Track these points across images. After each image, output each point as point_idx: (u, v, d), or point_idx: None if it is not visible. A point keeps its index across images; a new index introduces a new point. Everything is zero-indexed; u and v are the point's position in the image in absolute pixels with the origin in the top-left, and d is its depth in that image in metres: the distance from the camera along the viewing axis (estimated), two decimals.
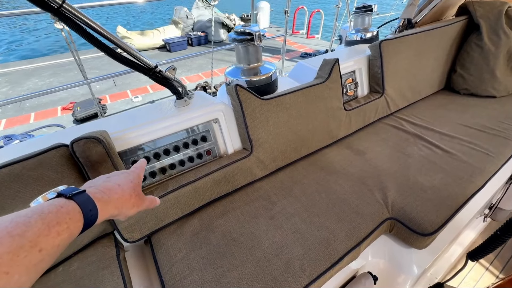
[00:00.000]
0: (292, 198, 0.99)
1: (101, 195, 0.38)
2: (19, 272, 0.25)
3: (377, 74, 1.39)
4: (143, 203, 0.46)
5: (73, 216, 0.32)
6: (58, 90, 1.80)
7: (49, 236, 0.28)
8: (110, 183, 0.42)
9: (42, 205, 0.31)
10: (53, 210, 0.30)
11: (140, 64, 0.83)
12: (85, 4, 1.48)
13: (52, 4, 0.64)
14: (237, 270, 0.75)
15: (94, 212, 0.35)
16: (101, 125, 0.91)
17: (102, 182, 0.41)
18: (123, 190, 0.42)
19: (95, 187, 0.39)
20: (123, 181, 0.43)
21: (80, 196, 0.35)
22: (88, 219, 0.34)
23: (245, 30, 1.05)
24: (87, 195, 0.36)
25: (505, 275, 1.32)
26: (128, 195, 0.42)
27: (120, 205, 0.40)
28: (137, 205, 0.44)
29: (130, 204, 0.42)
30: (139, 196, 0.45)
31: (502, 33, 1.55)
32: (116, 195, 0.40)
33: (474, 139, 1.23)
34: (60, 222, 0.30)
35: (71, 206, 0.33)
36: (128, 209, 0.42)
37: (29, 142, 0.83)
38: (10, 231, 0.26)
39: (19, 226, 0.26)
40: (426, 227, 0.85)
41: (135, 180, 0.45)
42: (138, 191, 0.45)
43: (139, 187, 0.46)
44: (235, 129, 1.05)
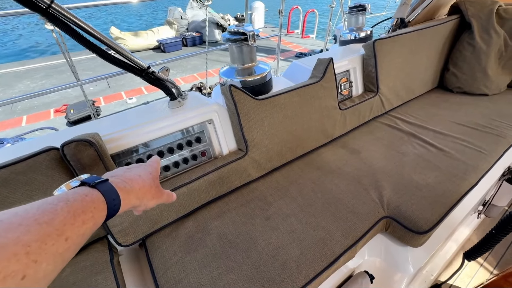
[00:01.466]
0: (288, 198, 0.98)
1: (123, 184, 0.37)
2: (47, 260, 0.24)
3: (371, 73, 1.40)
4: (162, 195, 0.45)
5: (98, 205, 0.32)
6: (50, 92, 1.77)
7: (75, 225, 0.28)
8: (131, 173, 0.41)
9: (67, 193, 0.31)
10: (78, 198, 0.30)
11: (132, 65, 0.82)
12: (77, 4, 1.46)
13: (40, 4, 0.63)
14: (233, 272, 0.74)
15: (117, 201, 0.35)
16: (94, 127, 0.90)
17: (123, 172, 0.41)
18: (144, 181, 0.41)
19: (116, 177, 0.38)
20: (143, 172, 0.43)
21: (103, 185, 0.34)
22: (112, 208, 0.34)
23: (238, 30, 1.04)
24: (110, 184, 0.35)
25: (499, 271, 1.33)
26: (149, 186, 0.42)
27: (141, 196, 0.40)
28: (156, 197, 0.44)
29: (150, 195, 0.42)
30: (158, 188, 0.44)
31: (493, 32, 1.57)
32: (138, 185, 0.40)
33: (467, 137, 1.24)
34: (85, 211, 0.29)
35: (95, 195, 0.32)
36: (149, 200, 0.42)
37: (19, 145, 0.81)
38: (38, 219, 0.25)
39: (46, 213, 0.26)
40: (421, 225, 0.85)
41: (154, 172, 0.45)
42: (157, 183, 0.45)
43: (158, 180, 0.45)
44: (229, 130, 1.04)
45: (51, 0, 0.64)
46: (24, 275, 0.22)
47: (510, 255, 1.40)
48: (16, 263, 0.22)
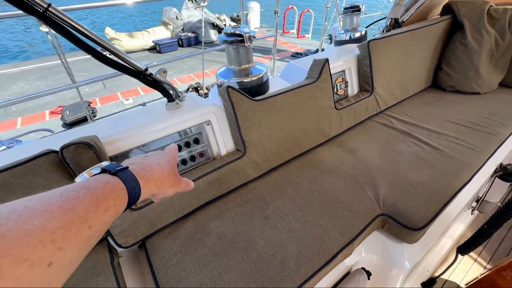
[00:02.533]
0: (286, 197, 1.00)
1: (143, 172, 0.37)
2: (71, 247, 0.24)
3: (366, 73, 1.42)
4: (180, 184, 0.44)
5: (119, 192, 0.31)
6: (45, 94, 1.75)
7: (98, 212, 0.27)
8: (150, 161, 0.40)
9: (89, 180, 0.30)
10: (100, 185, 0.30)
11: (129, 67, 0.82)
12: (73, 6, 1.45)
13: (37, 8, 0.63)
14: (233, 271, 0.76)
15: (137, 189, 0.34)
16: (91, 129, 0.90)
17: (141, 160, 0.40)
18: (163, 168, 0.41)
19: (136, 164, 0.38)
20: (161, 160, 0.42)
21: (123, 173, 0.34)
22: (132, 196, 0.33)
23: (235, 31, 1.05)
24: (130, 172, 0.35)
25: (493, 266, 1.36)
26: (167, 174, 0.41)
27: (161, 184, 0.40)
28: (175, 185, 0.43)
29: (169, 184, 0.41)
30: (177, 177, 0.44)
31: (484, 32, 1.60)
32: (157, 173, 0.39)
33: (461, 135, 1.27)
34: (107, 198, 0.29)
35: (116, 182, 0.32)
36: (168, 189, 0.41)
37: (17, 149, 0.81)
38: (61, 206, 0.25)
39: (69, 200, 0.26)
40: (417, 222, 0.87)
41: (172, 160, 0.44)
42: (176, 172, 0.44)
43: (176, 168, 0.45)
44: (227, 131, 1.05)
45: (48, 3, 0.64)
46: (51, 262, 0.22)
47: (503, 250, 1.44)
48: (42, 250, 0.21)
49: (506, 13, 1.61)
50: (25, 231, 0.21)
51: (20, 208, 0.23)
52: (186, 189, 0.47)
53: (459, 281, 1.31)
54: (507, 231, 1.52)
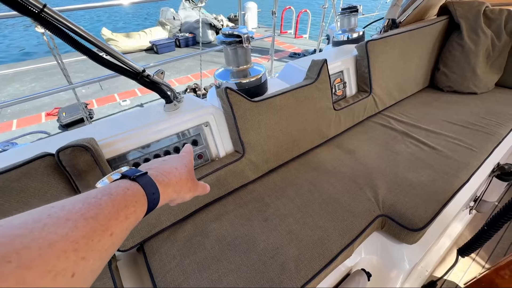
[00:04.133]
0: (285, 199, 0.99)
1: (162, 177, 0.37)
2: (93, 256, 0.24)
3: (364, 73, 1.42)
4: (197, 188, 0.44)
5: (139, 199, 0.31)
6: (41, 95, 1.74)
7: (119, 219, 0.27)
8: (168, 166, 0.40)
9: (110, 186, 0.30)
10: (120, 192, 0.30)
11: (127, 68, 0.81)
12: (70, 6, 1.44)
13: (32, 8, 0.62)
14: (233, 274, 0.75)
15: (156, 195, 0.34)
16: (88, 131, 0.89)
17: (159, 165, 0.40)
18: (180, 173, 0.40)
19: (154, 169, 0.38)
20: (179, 164, 0.42)
21: (143, 178, 0.33)
22: (151, 202, 0.33)
23: (233, 32, 1.04)
24: (149, 178, 0.34)
25: (491, 265, 1.37)
26: (185, 178, 0.41)
27: (179, 189, 0.39)
28: (193, 190, 0.43)
29: (187, 188, 0.41)
30: (194, 181, 0.43)
31: (481, 32, 1.61)
32: (175, 178, 0.39)
33: (458, 135, 1.27)
34: (128, 205, 0.29)
35: (136, 188, 0.32)
36: (185, 193, 0.41)
37: (13, 152, 0.80)
38: (84, 213, 0.25)
39: (91, 208, 0.26)
40: (416, 223, 0.87)
41: (189, 164, 0.44)
42: (193, 176, 0.44)
43: (193, 172, 0.44)
44: (226, 132, 1.05)
45: (44, 4, 0.63)
46: (74, 273, 0.22)
47: (501, 250, 1.44)
48: (65, 260, 0.21)
49: (502, 14, 1.62)
50: (49, 241, 0.21)
51: (44, 217, 0.23)
52: (203, 193, 0.46)
53: (457, 281, 1.31)
54: (504, 231, 1.53)
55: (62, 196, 0.71)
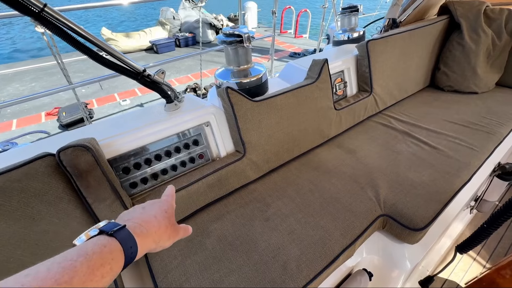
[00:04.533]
0: (287, 199, 0.99)
1: (140, 229, 0.37)
2: None
3: (365, 73, 1.42)
4: (178, 233, 0.44)
5: (116, 255, 0.32)
6: (42, 95, 1.73)
7: (94, 280, 0.28)
8: (147, 215, 0.40)
9: (87, 245, 0.31)
10: (97, 250, 0.30)
11: (127, 68, 0.81)
12: (70, 6, 1.43)
13: (32, 8, 0.62)
14: (235, 274, 0.75)
15: (134, 249, 0.34)
16: (89, 131, 0.88)
17: (139, 215, 0.40)
18: (159, 222, 0.41)
19: (133, 221, 0.38)
20: (158, 212, 0.42)
21: (121, 233, 0.34)
22: (129, 256, 0.33)
23: (234, 32, 1.04)
24: (128, 231, 0.35)
25: (492, 265, 1.37)
26: (164, 226, 0.41)
27: (158, 238, 0.39)
28: (173, 237, 0.43)
29: (166, 236, 0.41)
30: (174, 227, 0.44)
31: (481, 32, 1.61)
32: (154, 228, 0.39)
33: (459, 135, 1.27)
34: (104, 263, 0.30)
35: (113, 244, 0.32)
36: (165, 242, 0.41)
37: (13, 152, 0.80)
38: (58, 279, 0.25)
39: (66, 272, 0.26)
40: (417, 222, 0.87)
41: (169, 210, 0.44)
42: (173, 222, 0.44)
43: (173, 217, 0.45)
44: (227, 132, 1.04)
45: (44, 4, 0.63)
46: None
47: (502, 249, 1.44)
48: None
49: (502, 13, 1.62)
50: None
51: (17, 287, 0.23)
52: (184, 236, 0.47)
53: (458, 281, 1.31)
54: (506, 230, 1.53)
55: (63, 196, 0.70)
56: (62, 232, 0.71)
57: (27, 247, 0.66)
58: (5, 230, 0.63)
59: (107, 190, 0.75)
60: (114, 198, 0.77)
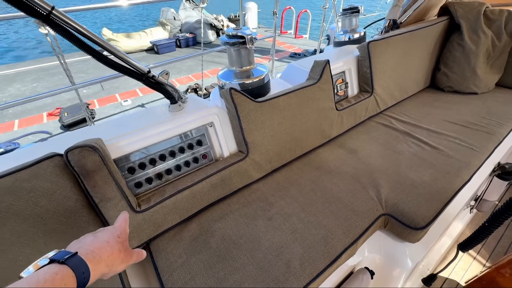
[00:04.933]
0: (289, 198, 1.00)
1: (92, 255, 0.38)
2: None
3: (366, 74, 1.43)
4: (131, 257, 0.46)
5: (68, 281, 0.32)
6: (44, 96, 1.75)
7: None
8: (99, 241, 0.41)
9: (38, 274, 0.31)
10: (49, 278, 0.31)
11: (132, 69, 0.82)
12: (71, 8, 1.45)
13: (41, 11, 0.63)
14: (239, 272, 0.76)
15: (86, 274, 0.35)
16: (94, 131, 0.90)
17: (90, 242, 0.41)
18: (112, 247, 0.42)
19: (84, 248, 0.39)
20: (110, 237, 0.43)
21: (72, 260, 0.35)
22: (81, 281, 0.34)
23: (237, 33, 1.05)
24: (79, 258, 0.36)
25: (492, 263, 1.38)
26: (117, 251, 0.42)
27: (111, 263, 0.41)
28: (126, 260, 0.44)
29: (119, 260, 0.42)
30: (127, 251, 0.45)
31: (481, 33, 1.63)
32: (106, 253, 0.40)
33: (459, 135, 1.28)
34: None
35: (65, 271, 0.33)
36: (117, 266, 0.42)
37: (18, 153, 0.81)
38: None
39: None
40: (419, 222, 0.89)
41: (122, 235, 0.46)
42: (126, 246, 0.45)
43: (127, 242, 0.46)
44: (230, 132, 1.06)
45: (52, 6, 0.64)
46: None
47: (501, 248, 1.46)
48: None
49: (502, 14, 1.63)
50: None
51: None
52: (138, 260, 0.48)
53: (459, 279, 1.32)
54: (505, 229, 1.54)
55: (71, 195, 0.72)
56: (69, 231, 0.72)
57: (35, 245, 0.67)
58: (15, 229, 0.64)
59: (113, 190, 0.76)
60: (120, 198, 0.78)
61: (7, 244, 0.64)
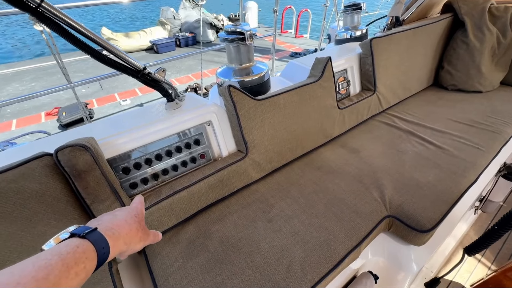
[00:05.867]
0: (290, 199, 0.97)
1: (112, 231, 0.39)
2: None
3: (368, 71, 1.40)
4: (148, 237, 0.47)
5: (89, 255, 0.33)
6: (41, 94, 1.71)
7: (69, 277, 0.29)
8: (117, 219, 0.42)
9: (60, 246, 0.32)
10: (70, 250, 0.31)
11: (127, 66, 0.79)
12: (68, 4, 1.41)
13: (30, 3, 0.60)
14: (237, 277, 0.73)
15: (106, 249, 0.36)
16: (88, 130, 0.87)
17: (109, 219, 0.42)
18: (130, 225, 0.43)
19: (104, 224, 0.40)
20: (128, 216, 0.44)
21: (92, 235, 0.35)
22: (101, 256, 0.35)
23: (236, 29, 1.02)
24: (99, 233, 0.36)
25: (497, 266, 1.35)
26: (135, 229, 0.43)
27: (129, 240, 0.41)
28: (143, 240, 0.45)
29: (137, 239, 0.43)
30: (144, 231, 0.46)
31: (486, 30, 1.59)
32: (125, 230, 0.41)
33: (464, 134, 1.25)
34: (78, 262, 0.31)
35: (86, 245, 0.33)
36: (135, 244, 0.43)
37: (11, 152, 0.78)
38: (35, 276, 0.27)
39: (41, 269, 0.28)
40: (424, 224, 0.85)
41: (139, 215, 0.46)
42: (143, 226, 0.46)
43: (143, 222, 0.47)
44: (229, 131, 1.02)
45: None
46: None
47: (507, 250, 1.42)
48: None
49: (507, 11, 1.60)
50: None
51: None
52: (154, 241, 0.49)
53: (463, 282, 1.29)
54: (510, 232, 1.50)
55: (61, 197, 0.68)
56: None
57: (24, 249, 0.64)
58: (1, 233, 0.61)
59: (106, 191, 0.73)
60: (113, 199, 0.75)
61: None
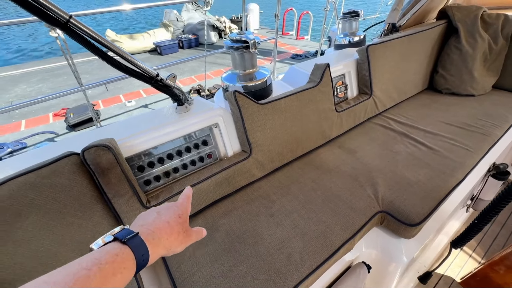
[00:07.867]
0: (290, 196, 1.05)
1: (152, 236, 0.39)
2: None
3: (365, 76, 1.48)
4: (190, 238, 0.46)
5: (127, 265, 0.34)
6: (52, 98, 1.80)
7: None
8: (161, 221, 0.42)
9: (100, 253, 0.33)
10: (110, 260, 0.32)
11: (142, 73, 0.87)
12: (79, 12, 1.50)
13: (59, 19, 0.68)
14: (243, 264, 0.81)
15: (145, 257, 0.36)
16: (106, 132, 0.95)
17: (152, 221, 0.41)
18: (172, 228, 0.42)
19: (146, 227, 0.40)
20: (172, 217, 0.43)
21: (134, 240, 0.36)
22: (140, 264, 0.35)
23: (241, 38, 1.10)
24: (140, 239, 0.37)
25: (486, 261, 1.42)
26: (176, 233, 0.42)
27: (169, 245, 0.41)
28: (184, 242, 0.44)
29: (178, 242, 0.42)
30: (186, 233, 0.44)
31: (478, 36, 1.67)
32: (166, 234, 0.40)
33: (455, 136, 1.33)
34: (115, 273, 0.32)
35: (125, 253, 0.34)
36: (176, 247, 0.42)
37: (35, 152, 0.86)
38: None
39: (80, 281, 0.29)
40: (413, 218, 0.93)
41: (184, 215, 0.45)
42: (186, 227, 0.45)
43: (187, 223, 0.46)
44: (234, 133, 1.11)
45: (70, 15, 0.69)
46: None
47: (497, 246, 1.49)
48: None
49: (499, 18, 1.67)
50: None
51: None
52: (198, 239, 0.48)
53: (454, 276, 1.36)
54: (501, 228, 1.58)
55: (86, 191, 0.77)
56: (85, 224, 0.77)
57: (54, 237, 0.72)
58: (36, 222, 0.70)
59: (125, 187, 0.82)
60: (131, 194, 0.83)
61: (29, 236, 0.69)
